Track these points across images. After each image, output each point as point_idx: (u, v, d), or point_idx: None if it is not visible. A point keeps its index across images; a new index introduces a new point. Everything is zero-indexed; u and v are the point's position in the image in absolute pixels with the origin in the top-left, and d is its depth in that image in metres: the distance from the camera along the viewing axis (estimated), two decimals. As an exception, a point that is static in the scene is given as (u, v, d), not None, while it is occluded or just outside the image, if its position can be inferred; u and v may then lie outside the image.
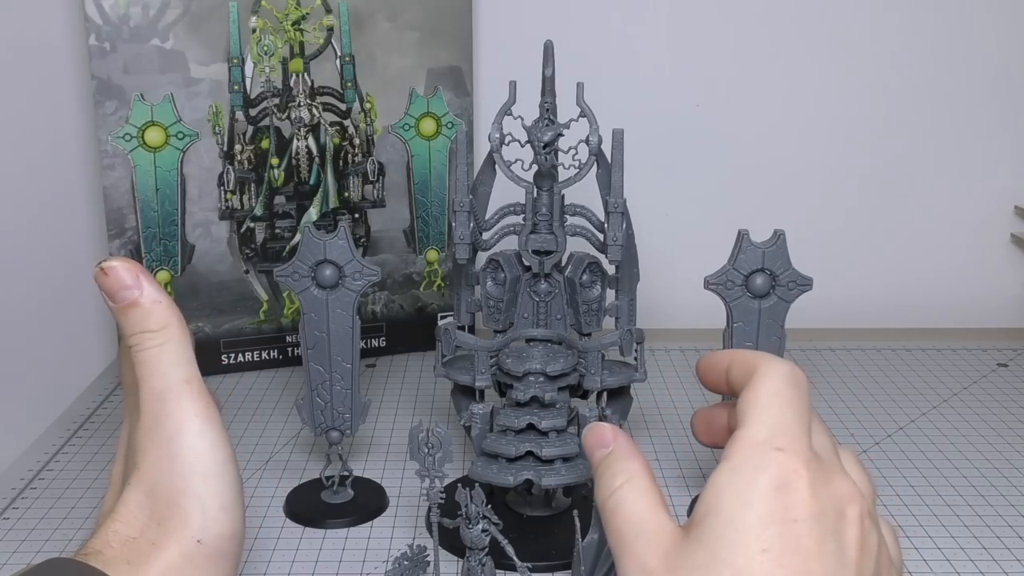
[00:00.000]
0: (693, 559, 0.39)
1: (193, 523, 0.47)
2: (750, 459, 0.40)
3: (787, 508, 0.39)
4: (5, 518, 0.68)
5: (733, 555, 0.38)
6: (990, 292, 1.08)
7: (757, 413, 0.42)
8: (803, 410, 0.42)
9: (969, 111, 1.04)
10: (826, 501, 0.40)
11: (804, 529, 0.38)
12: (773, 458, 0.40)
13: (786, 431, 0.41)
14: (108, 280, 0.50)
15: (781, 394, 0.42)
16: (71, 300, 1.05)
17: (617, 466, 0.45)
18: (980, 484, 0.73)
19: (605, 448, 0.46)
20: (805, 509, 0.39)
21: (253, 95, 0.88)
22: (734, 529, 0.39)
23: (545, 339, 0.66)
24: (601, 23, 1.02)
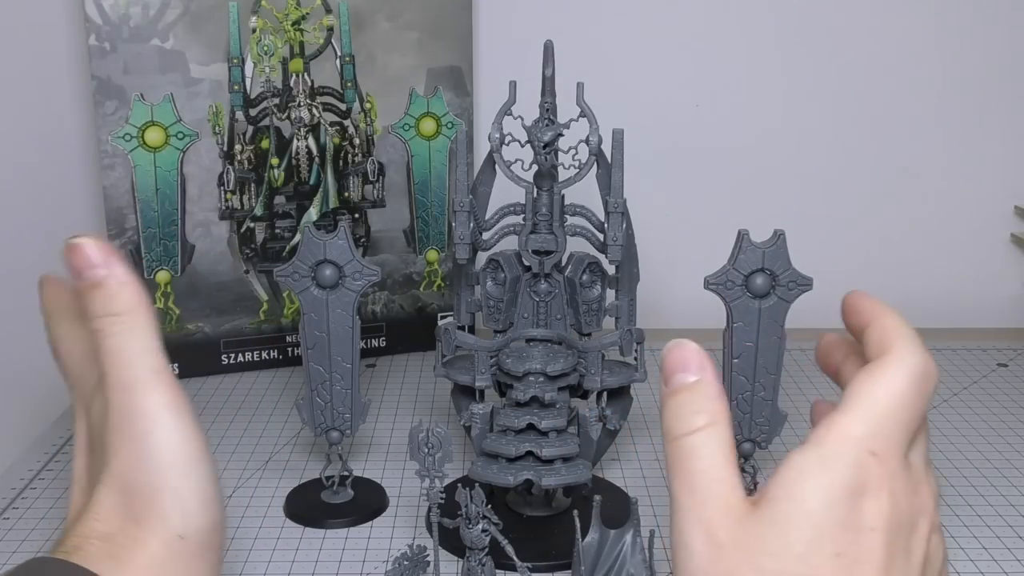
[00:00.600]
0: (765, 541, 0.38)
1: (173, 520, 0.46)
2: (840, 454, 0.38)
3: (866, 516, 0.38)
4: (5, 518, 0.68)
5: (808, 551, 0.37)
6: (990, 292, 1.08)
7: (866, 405, 0.40)
8: (915, 416, 0.41)
9: (969, 111, 1.04)
10: (904, 515, 0.39)
11: (879, 541, 0.38)
12: (864, 461, 0.38)
13: (887, 436, 0.39)
14: (75, 257, 0.48)
15: (900, 395, 0.40)
16: (71, 300, 1.05)
17: (701, 402, 0.41)
18: (980, 484, 0.73)
19: (689, 375, 0.41)
20: (883, 521, 0.38)
21: (253, 95, 0.88)
22: (812, 524, 0.37)
23: (545, 339, 0.66)
24: (601, 23, 1.02)
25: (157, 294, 0.88)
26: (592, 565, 0.55)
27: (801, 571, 0.37)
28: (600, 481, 0.71)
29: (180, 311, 0.89)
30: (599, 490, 0.66)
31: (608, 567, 0.55)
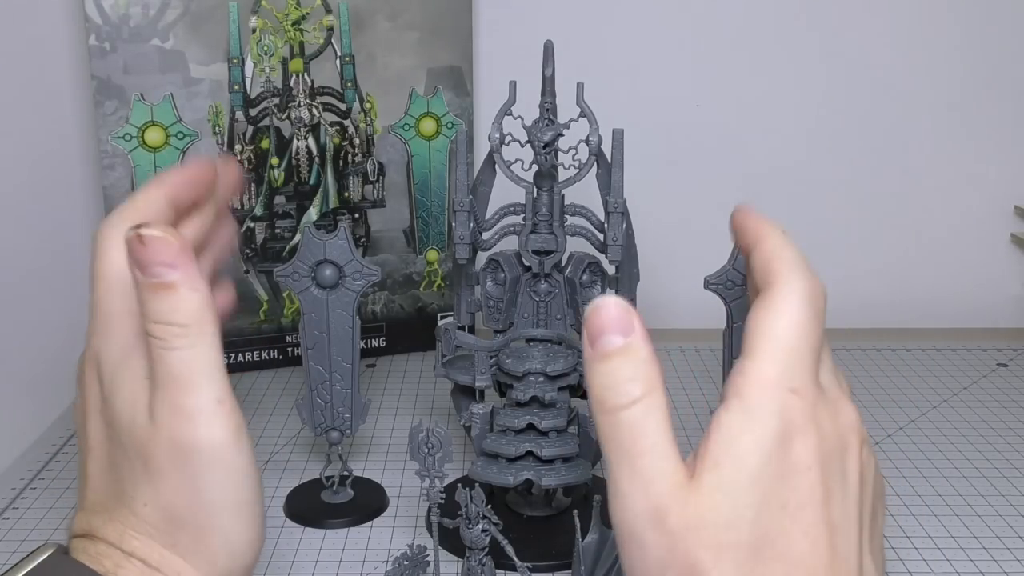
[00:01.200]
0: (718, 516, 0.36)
1: (220, 561, 0.44)
2: (764, 403, 0.38)
3: (801, 455, 0.37)
4: (5, 518, 0.68)
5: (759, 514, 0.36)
6: (990, 292, 1.08)
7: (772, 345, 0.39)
8: (817, 339, 0.40)
9: (969, 111, 1.04)
10: (833, 440, 0.39)
11: (816, 477, 0.37)
12: (787, 401, 0.38)
13: (800, 369, 0.38)
14: (144, 251, 0.42)
15: (799, 324, 0.39)
16: (71, 300, 1.05)
17: (636, 369, 0.38)
18: (980, 484, 0.73)
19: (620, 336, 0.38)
20: (815, 456, 0.37)
21: (253, 95, 0.88)
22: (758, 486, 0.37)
23: (545, 339, 0.66)
24: (601, 23, 1.02)
25: (157, 294, 0.88)
26: (592, 565, 0.55)
27: (758, 535, 0.36)
28: (600, 481, 0.71)
29: (182, 311, 0.89)
30: (599, 490, 0.66)
31: (608, 567, 0.55)
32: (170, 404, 0.43)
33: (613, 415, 0.38)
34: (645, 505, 0.37)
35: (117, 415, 0.45)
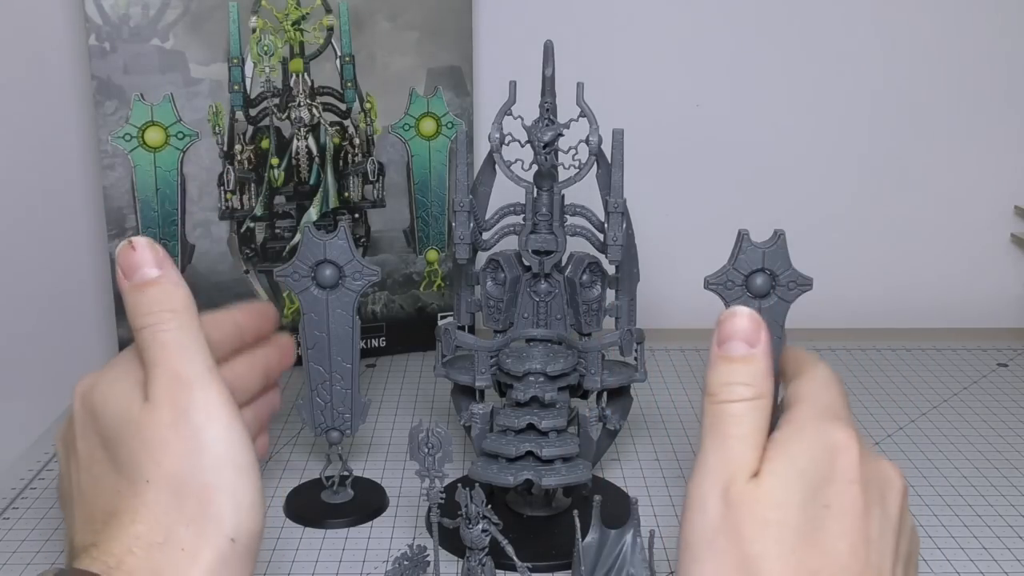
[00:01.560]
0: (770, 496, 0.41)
1: (227, 521, 0.44)
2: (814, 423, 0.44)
3: (845, 469, 0.42)
4: (5, 518, 0.68)
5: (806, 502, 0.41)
6: (990, 292, 1.08)
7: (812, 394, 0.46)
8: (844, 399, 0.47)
9: (969, 111, 1.04)
10: (874, 473, 0.43)
11: (858, 491, 0.42)
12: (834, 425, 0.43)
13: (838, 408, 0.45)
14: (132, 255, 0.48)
15: (829, 384, 0.47)
16: (71, 300, 1.05)
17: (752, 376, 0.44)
18: (980, 484, 0.73)
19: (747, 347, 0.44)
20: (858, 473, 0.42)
21: (253, 95, 0.88)
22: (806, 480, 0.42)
23: (545, 339, 0.66)
24: (601, 23, 1.02)
25: (157, 294, 0.88)
26: (592, 565, 0.55)
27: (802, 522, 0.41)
28: (600, 481, 0.71)
29: (180, 311, 0.89)
30: (599, 490, 0.66)
31: (608, 567, 0.55)
32: (166, 375, 0.46)
33: (720, 405, 0.44)
34: (719, 478, 0.42)
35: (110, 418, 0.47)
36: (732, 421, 0.43)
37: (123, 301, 0.49)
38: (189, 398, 0.46)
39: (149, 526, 0.44)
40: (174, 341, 0.47)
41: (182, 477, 0.45)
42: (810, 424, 0.44)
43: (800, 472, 0.42)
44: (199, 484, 0.45)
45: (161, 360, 0.46)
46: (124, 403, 0.47)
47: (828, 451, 0.43)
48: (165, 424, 0.45)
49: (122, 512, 0.45)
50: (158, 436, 0.45)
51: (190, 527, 0.44)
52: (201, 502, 0.44)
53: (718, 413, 0.44)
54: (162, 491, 0.45)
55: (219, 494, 0.45)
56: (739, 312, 0.45)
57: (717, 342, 0.45)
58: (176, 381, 0.46)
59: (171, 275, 0.48)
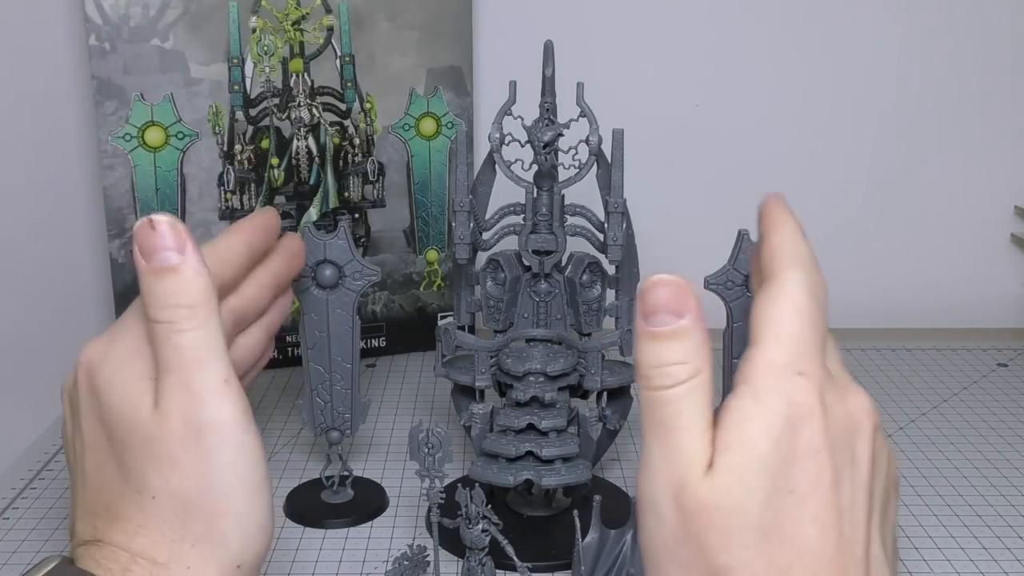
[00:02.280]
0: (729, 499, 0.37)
1: (234, 547, 0.43)
2: (772, 386, 0.38)
3: (810, 439, 0.38)
4: (5, 518, 0.68)
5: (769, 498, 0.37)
6: (990, 292, 1.08)
7: (776, 331, 0.39)
8: (821, 326, 0.40)
9: (969, 111, 1.04)
10: (843, 423, 0.39)
11: (825, 460, 0.38)
12: (794, 384, 0.38)
13: (805, 353, 0.39)
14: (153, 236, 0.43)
15: (801, 310, 0.40)
16: (71, 300, 1.05)
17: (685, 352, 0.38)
18: (980, 484, 0.73)
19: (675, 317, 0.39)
20: (824, 438, 0.38)
21: (253, 95, 0.88)
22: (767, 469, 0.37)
23: (545, 339, 0.66)
24: (601, 23, 1.02)
25: (157, 294, 0.88)
26: (592, 565, 0.55)
27: (767, 519, 0.37)
28: (600, 481, 0.71)
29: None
30: (599, 490, 0.66)
31: (608, 567, 0.55)
32: (179, 386, 0.43)
33: (655, 392, 0.39)
34: (669, 479, 0.38)
35: (116, 413, 0.45)
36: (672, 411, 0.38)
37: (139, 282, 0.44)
38: (201, 416, 0.43)
39: (153, 540, 0.43)
40: (190, 346, 0.43)
41: (189, 497, 0.43)
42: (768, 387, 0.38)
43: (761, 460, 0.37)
44: (207, 507, 0.43)
45: (175, 367, 0.43)
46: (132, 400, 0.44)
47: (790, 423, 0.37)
48: (175, 440, 0.43)
49: (125, 519, 0.44)
50: (167, 452, 0.43)
51: (195, 547, 0.43)
52: (207, 526, 0.43)
53: (654, 401, 0.39)
54: (168, 508, 0.43)
55: (226, 520, 0.43)
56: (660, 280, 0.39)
57: (642, 316, 0.39)
58: (189, 394, 0.43)
59: (192, 262, 0.43)
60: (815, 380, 0.39)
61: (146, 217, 0.43)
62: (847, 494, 0.38)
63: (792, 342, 0.39)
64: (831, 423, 0.38)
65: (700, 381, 0.39)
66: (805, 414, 0.38)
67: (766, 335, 0.39)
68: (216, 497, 0.43)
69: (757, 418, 0.38)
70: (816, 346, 0.40)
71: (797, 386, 0.38)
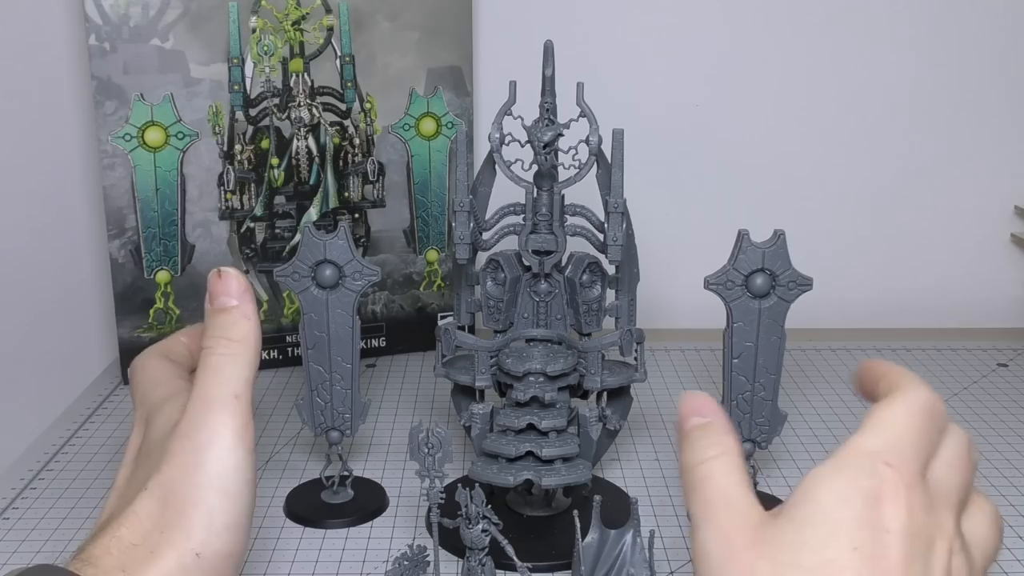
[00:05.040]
0: (782, 537, 0.39)
1: (196, 535, 0.47)
2: (856, 464, 0.40)
3: (882, 518, 0.38)
4: (5, 518, 0.68)
5: (823, 544, 0.38)
6: (990, 292, 1.08)
7: (879, 425, 0.42)
8: (927, 438, 0.42)
9: (969, 111, 1.04)
10: (921, 527, 0.39)
11: (895, 541, 0.38)
12: (878, 470, 0.39)
13: (900, 451, 0.41)
14: (219, 283, 0.53)
15: (911, 415, 0.42)
16: (71, 300, 1.05)
17: (712, 437, 0.43)
18: (980, 484, 0.72)
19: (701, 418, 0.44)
20: (900, 523, 0.38)
21: (253, 95, 0.88)
22: (828, 521, 0.38)
23: (545, 339, 0.66)
24: (601, 23, 1.02)
25: (157, 294, 0.88)
26: (592, 565, 0.55)
27: (816, 562, 0.38)
28: (600, 481, 0.71)
29: (180, 311, 0.89)
30: (599, 490, 0.66)
31: (608, 567, 0.55)
32: (197, 394, 0.50)
33: (692, 470, 0.43)
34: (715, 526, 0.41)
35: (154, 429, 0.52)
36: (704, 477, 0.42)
37: None
38: (205, 417, 0.49)
39: (131, 529, 0.47)
40: (217, 365, 0.51)
41: (172, 487, 0.48)
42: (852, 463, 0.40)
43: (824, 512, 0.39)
44: (183, 496, 0.48)
45: (201, 381, 0.50)
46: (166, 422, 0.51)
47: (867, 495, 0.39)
48: (177, 436, 0.49)
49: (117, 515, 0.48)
50: (170, 447, 0.49)
51: (163, 533, 0.47)
52: (179, 514, 0.47)
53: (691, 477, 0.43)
54: (154, 499, 0.48)
55: (195, 510, 0.48)
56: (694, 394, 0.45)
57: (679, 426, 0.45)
58: (202, 401, 0.50)
59: (244, 308, 0.52)
60: (902, 475, 0.40)
61: (218, 268, 0.53)
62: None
63: (889, 438, 0.41)
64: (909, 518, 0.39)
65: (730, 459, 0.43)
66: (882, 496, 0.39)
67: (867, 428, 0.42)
68: (193, 488, 0.48)
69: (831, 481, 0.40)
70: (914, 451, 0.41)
71: (881, 472, 0.40)
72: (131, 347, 0.88)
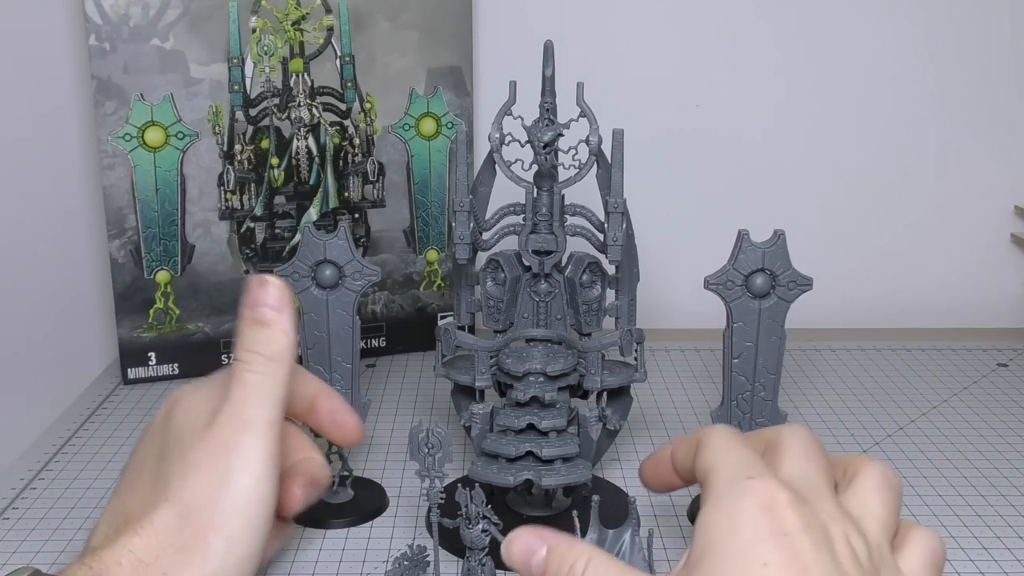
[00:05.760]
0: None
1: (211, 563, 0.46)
2: (728, 492, 0.41)
3: (775, 524, 0.39)
4: (5, 518, 0.68)
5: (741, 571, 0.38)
6: (990, 292, 1.08)
7: (719, 457, 0.43)
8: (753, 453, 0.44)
9: (969, 111, 1.04)
10: (810, 518, 0.40)
11: (797, 541, 0.39)
12: (748, 486, 0.41)
13: (750, 465, 0.42)
14: (260, 291, 0.51)
15: (730, 444, 0.44)
16: (71, 300, 1.05)
17: (566, 557, 0.43)
18: (980, 484, 0.73)
19: (539, 551, 0.44)
20: (793, 523, 0.39)
21: (253, 95, 0.88)
22: (731, 554, 0.39)
23: (545, 339, 0.66)
24: (601, 23, 1.02)
25: (157, 294, 0.88)
26: (592, 565, 0.55)
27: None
28: (600, 481, 0.71)
29: (180, 311, 0.89)
30: (599, 490, 0.66)
31: (608, 567, 0.55)
32: (231, 412, 0.49)
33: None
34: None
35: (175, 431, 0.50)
36: None
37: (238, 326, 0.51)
38: (238, 440, 0.48)
39: (146, 542, 0.46)
40: (253, 384, 0.49)
41: (195, 506, 0.47)
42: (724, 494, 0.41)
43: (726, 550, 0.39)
44: (206, 520, 0.47)
45: (235, 397, 0.49)
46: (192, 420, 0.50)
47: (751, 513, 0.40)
48: (207, 452, 0.48)
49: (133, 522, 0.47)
50: (196, 461, 0.48)
51: (179, 554, 0.46)
52: (198, 537, 0.46)
53: None
54: (173, 513, 0.47)
55: (217, 536, 0.46)
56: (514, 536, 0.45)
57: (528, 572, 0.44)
58: (236, 420, 0.49)
59: (283, 323, 0.50)
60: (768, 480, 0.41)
61: (262, 275, 0.51)
62: None
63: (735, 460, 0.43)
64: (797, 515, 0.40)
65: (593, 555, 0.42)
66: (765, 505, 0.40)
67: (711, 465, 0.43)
68: (217, 513, 0.47)
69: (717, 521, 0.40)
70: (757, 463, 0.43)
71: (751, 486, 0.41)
72: (131, 347, 0.88)
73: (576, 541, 0.44)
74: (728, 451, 0.43)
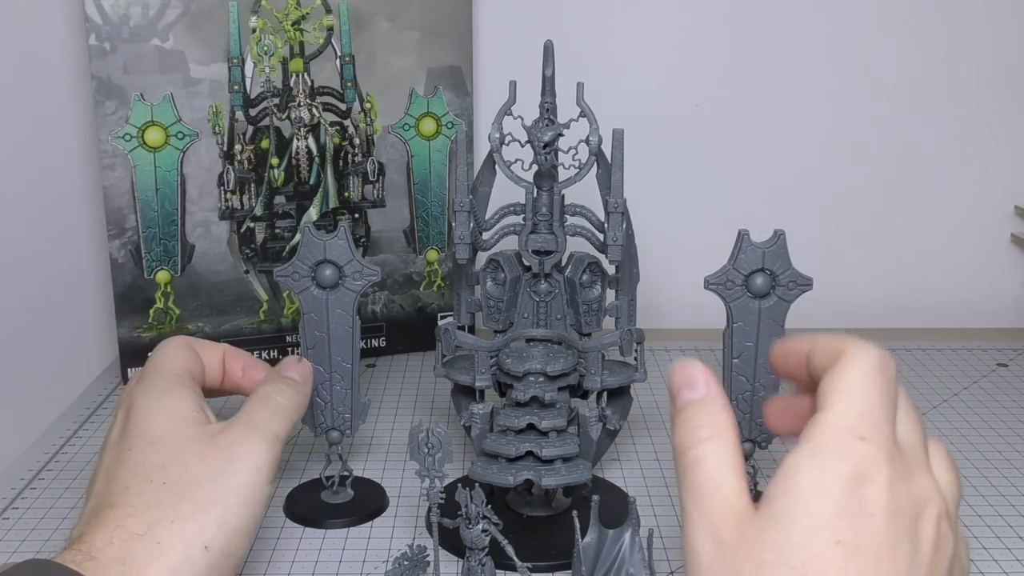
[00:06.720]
0: (765, 537, 0.38)
1: (208, 531, 0.49)
2: (831, 445, 0.39)
3: (864, 502, 0.38)
4: (5, 518, 0.68)
5: (807, 541, 0.37)
6: (990, 292, 1.08)
7: (842, 397, 0.40)
8: (890, 397, 0.41)
9: (969, 111, 1.04)
10: (904, 500, 0.39)
11: (879, 525, 0.37)
12: (855, 448, 0.38)
13: (871, 419, 0.39)
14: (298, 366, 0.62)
15: (869, 378, 0.41)
16: (71, 300, 1.05)
17: (705, 416, 0.42)
18: (980, 484, 0.73)
19: (694, 392, 0.43)
20: (882, 505, 0.38)
21: (253, 95, 0.88)
22: (809, 515, 0.37)
23: (545, 339, 0.66)
24: (601, 23, 1.02)
25: (157, 294, 0.88)
26: (592, 565, 0.55)
27: (799, 560, 0.37)
28: (600, 481, 0.71)
29: (180, 311, 0.89)
30: (599, 490, 0.66)
31: (608, 566, 0.55)
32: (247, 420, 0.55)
33: (684, 454, 0.41)
34: (705, 520, 0.40)
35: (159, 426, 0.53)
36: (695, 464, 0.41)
37: None
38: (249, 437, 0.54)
39: (138, 520, 0.48)
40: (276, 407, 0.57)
41: (195, 482, 0.50)
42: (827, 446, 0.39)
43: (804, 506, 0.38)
44: (206, 492, 0.50)
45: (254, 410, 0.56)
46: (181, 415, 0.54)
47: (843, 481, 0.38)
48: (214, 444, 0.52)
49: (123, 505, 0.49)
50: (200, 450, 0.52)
51: (174, 523, 0.48)
52: (196, 506, 0.49)
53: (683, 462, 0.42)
54: (170, 491, 0.49)
55: (214, 506, 0.50)
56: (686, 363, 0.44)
57: (671, 400, 0.43)
58: (251, 425, 0.55)
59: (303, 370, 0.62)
60: (880, 447, 0.39)
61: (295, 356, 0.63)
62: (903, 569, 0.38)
63: (858, 408, 0.40)
64: (891, 495, 0.38)
65: (722, 441, 0.41)
66: (862, 477, 0.38)
67: (831, 402, 0.40)
68: (217, 488, 0.51)
69: (808, 470, 0.38)
70: (884, 416, 0.40)
71: (858, 449, 0.39)
72: (131, 347, 0.88)
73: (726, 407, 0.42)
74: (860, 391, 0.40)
